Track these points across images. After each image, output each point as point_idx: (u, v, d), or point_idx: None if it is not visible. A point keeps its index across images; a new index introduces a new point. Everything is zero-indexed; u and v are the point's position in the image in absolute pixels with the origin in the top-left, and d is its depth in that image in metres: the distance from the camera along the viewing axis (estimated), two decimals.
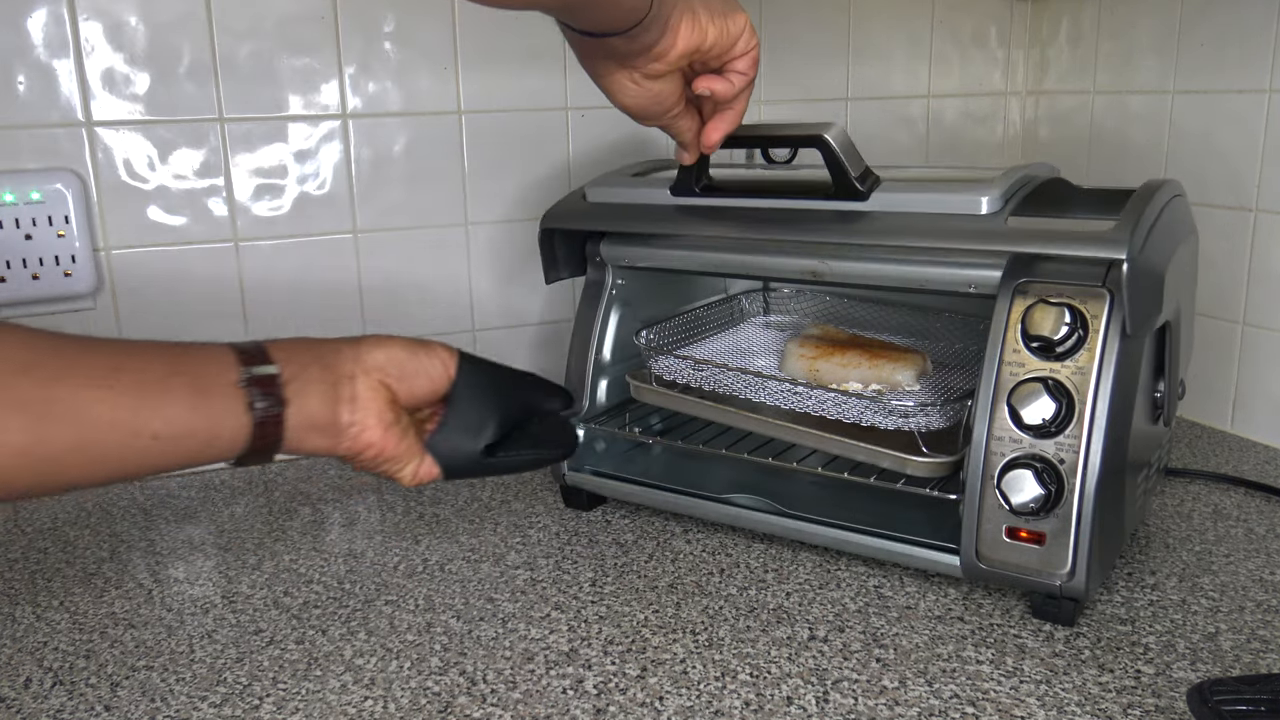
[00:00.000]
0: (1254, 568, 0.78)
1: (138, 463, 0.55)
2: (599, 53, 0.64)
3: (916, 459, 0.74)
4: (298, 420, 0.60)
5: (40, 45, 0.92)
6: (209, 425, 0.56)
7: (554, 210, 0.89)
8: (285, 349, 0.61)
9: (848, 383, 0.84)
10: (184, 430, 0.55)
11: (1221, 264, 1.04)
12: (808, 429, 0.80)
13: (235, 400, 0.57)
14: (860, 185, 0.75)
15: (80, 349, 0.54)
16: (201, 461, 0.58)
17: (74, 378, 0.52)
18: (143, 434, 0.54)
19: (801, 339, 0.91)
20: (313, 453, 0.63)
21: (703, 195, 0.82)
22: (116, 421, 0.53)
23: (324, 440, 0.62)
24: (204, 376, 0.57)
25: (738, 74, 0.68)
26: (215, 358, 0.58)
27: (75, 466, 0.52)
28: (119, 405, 0.53)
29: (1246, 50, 1.00)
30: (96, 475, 0.54)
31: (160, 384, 0.55)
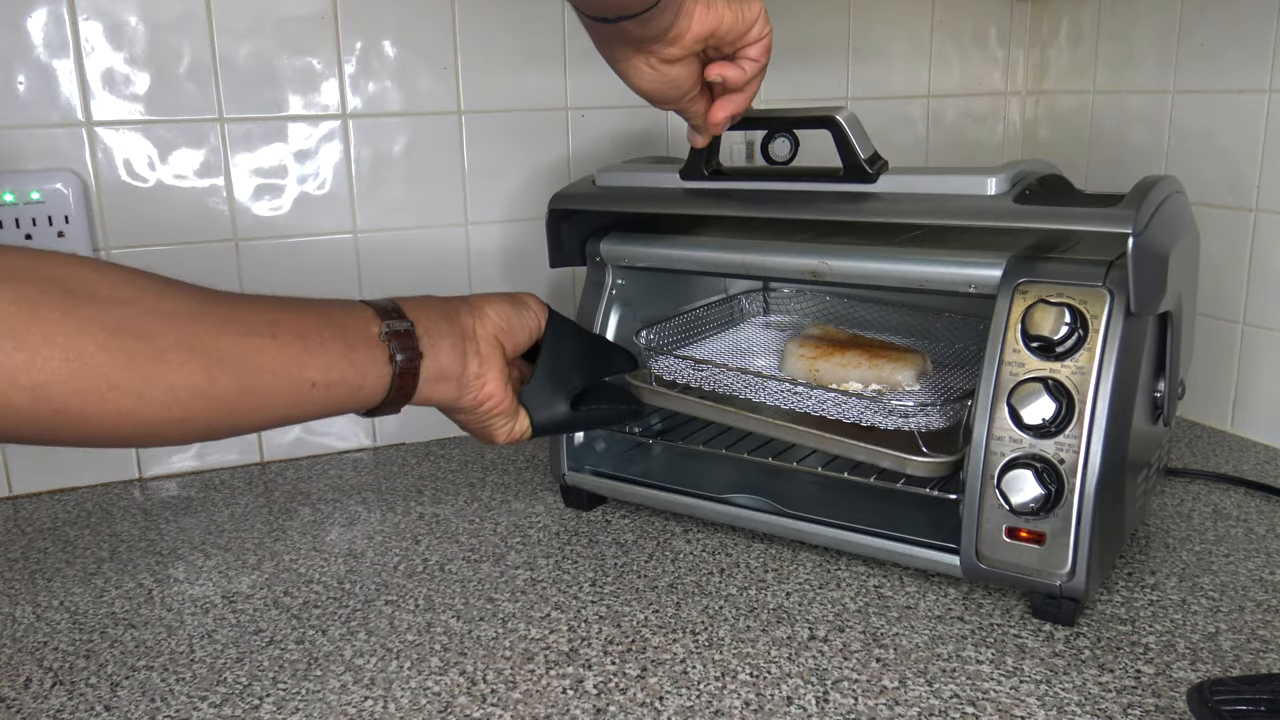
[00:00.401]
0: (1254, 568, 0.78)
1: (295, 409, 0.60)
2: (615, 38, 0.65)
3: (916, 459, 0.74)
4: (431, 371, 0.66)
5: (40, 45, 0.92)
6: (357, 375, 0.61)
7: (563, 193, 0.89)
8: (414, 305, 0.67)
9: (848, 383, 0.84)
10: (337, 378, 0.60)
11: (1221, 264, 1.04)
12: (808, 429, 0.80)
13: (379, 352, 0.63)
14: (869, 168, 0.75)
15: (239, 302, 0.58)
16: (345, 409, 0.63)
17: (239, 327, 0.56)
18: (302, 381, 0.58)
19: (801, 339, 0.91)
20: (437, 402, 0.69)
21: (712, 179, 0.82)
22: (279, 369, 0.57)
23: (450, 390, 0.68)
24: (351, 330, 0.62)
25: (750, 61, 0.69)
26: (356, 313, 0.64)
27: (243, 412, 0.56)
28: (281, 354, 0.57)
29: (1246, 50, 1.00)
30: (258, 420, 0.58)
31: (316, 335, 0.59)
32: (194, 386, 0.53)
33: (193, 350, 0.53)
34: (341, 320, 0.62)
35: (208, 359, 0.53)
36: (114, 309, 0.50)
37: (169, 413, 0.52)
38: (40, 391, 0.47)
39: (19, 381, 0.47)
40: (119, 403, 0.50)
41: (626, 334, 0.90)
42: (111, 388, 0.49)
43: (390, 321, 0.64)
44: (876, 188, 0.75)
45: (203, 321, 0.54)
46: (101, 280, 0.51)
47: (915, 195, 0.74)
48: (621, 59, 0.67)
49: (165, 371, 0.51)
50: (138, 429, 0.52)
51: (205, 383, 0.53)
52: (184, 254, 1.00)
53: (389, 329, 0.63)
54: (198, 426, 0.54)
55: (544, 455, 1.04)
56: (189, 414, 0.53)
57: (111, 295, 0.51)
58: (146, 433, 0.53)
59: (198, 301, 0.55)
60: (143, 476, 1.03)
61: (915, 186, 0.74)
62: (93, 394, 0.49)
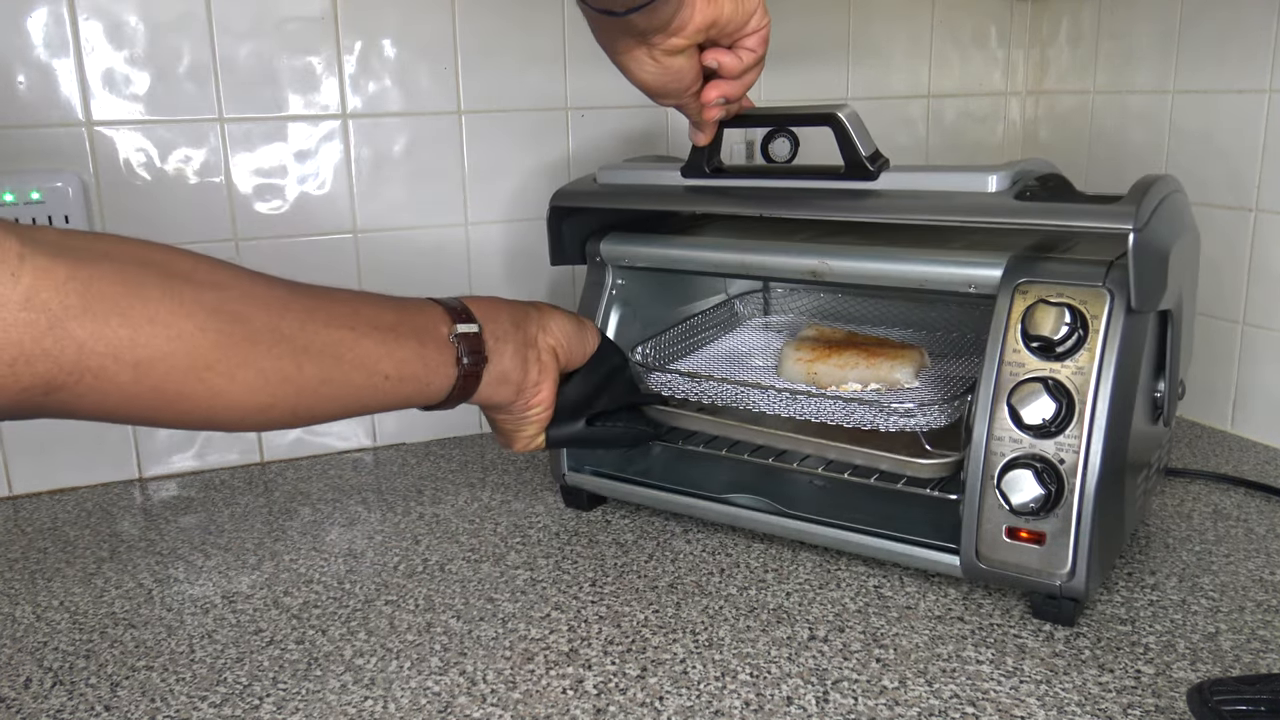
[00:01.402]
0: (1254, 568, 0.78)
1: (369, 400, 0.61)
2: (618, 29, 0.65)
3: (918, 460, 0.74)
4: (493, 375, 0.68)
5: (40, 45, 0.92)
6: (426, 372, 0.63)
7: (565, 190, 0.89)
8: (483, 308, 0.68)
9: (846, 384, 0.84)
10: (409, 374, 0.62)
11: (1221, 264, 1.04)
12: (808, 437, 0.80)
13: (447, 352, 0.65)
14: (870, 165, 0.75)
15: (321, 293, 0.60)
16: (411, 404, 0.65)
17: (322, 317, 0.58)
18: (378, 373, 0.60)
19: (798, 342, 0.91)
20: (494, 403, 0.71)
21: (713, 176, 0.82)
22: (357, 360, 0.59)
23: (508, 393, 0.70)
24: (423, 329, 0.64)
25: (747, 50, 0.70)
26: (428, 312, 0.65)
27: (322, 399, 0.58)
28: (359, 346, 0.59)
29: (1246, 50, 1.00)
30: (334, 408, 0.60)
31: (392, 330, 0.61)
32: (282, 372, 0.54)
33: (282, 336, 0.54)
34: (415, 318, 0.63)
35: (294, 346, 0.55)
36: (211, 292, 0.52)
37: (256, 397, 0.54)
38: (143, 369, 0.48)
39: (124, 358, 0.48)
40: (214, 383, 0.51)
41: (627, 334, 0.90)
42: (208, 367, 0.51)
43: (460, 324, 0.65)
44: (877, 185, 0.75)
45: (291, 309, 0.56)
46: (197, 265, 0.53)
47: (916, 193, 0.74)
48: (624, 51, 0.67)
49: (257, 355, 0.53)
50: (228, 411, 0.53)
51: (292, 369, 0.55)
52: None
53: (459, 331, 0.65)
54: (280, 413, 0.56)
55: (544, 455, 1.04)
56: (274, 399, 0.55)
57: (208, 279, 0.52)
58: (235, 417, 0.54)
59: (286, 290, 0.57)
60: (143, 476, 1.03)
61: (916, 184, 0.74)
62: (191, 373, 0.50)
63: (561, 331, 0.73)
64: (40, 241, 0.46)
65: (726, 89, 0.72)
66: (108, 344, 0.47)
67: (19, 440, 0.98)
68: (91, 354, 0.47)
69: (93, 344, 0.47)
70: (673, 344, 0.94)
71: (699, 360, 0.94)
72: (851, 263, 0.79)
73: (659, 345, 0.91)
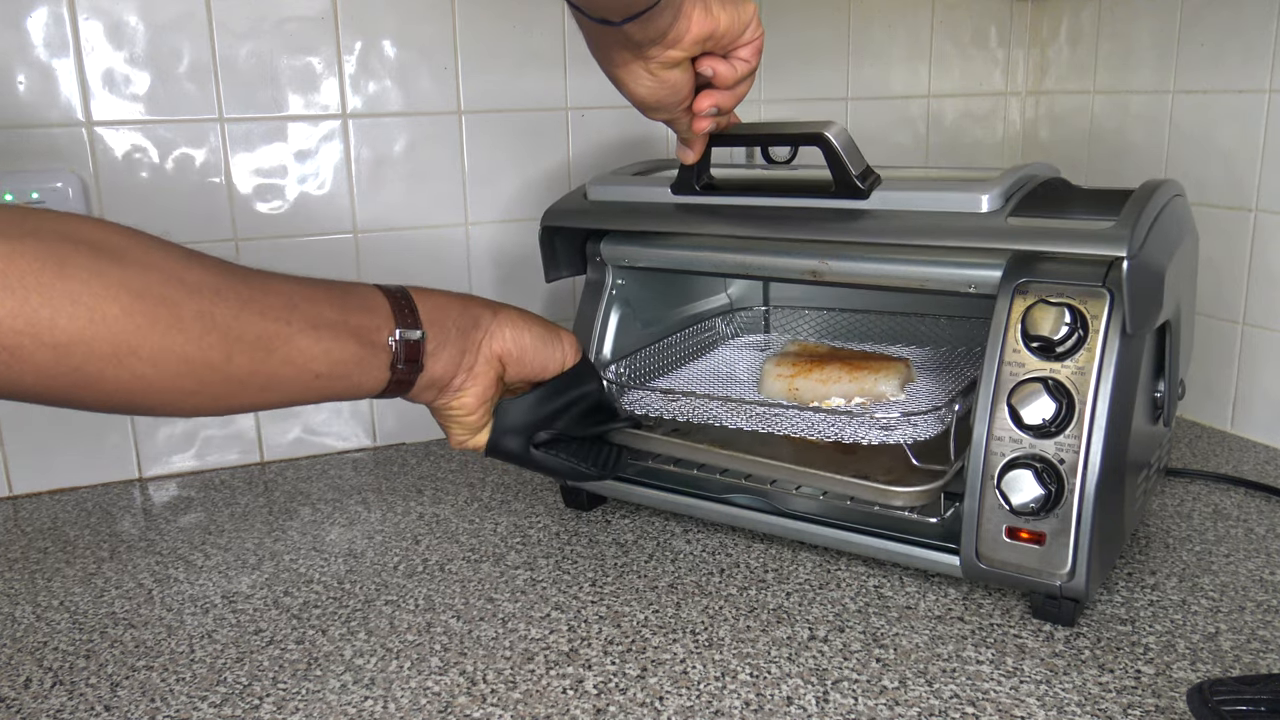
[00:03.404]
0: (1254, 568, 0.78)
1: (297, 395, 0.60)
2: (614, 41, 0.65)
3: (895, 489, 0.72)
4: (423, 381, 0.66)
5: (40, 45, 0.92)
6: (359, 373, 0.62)
7: (555, 208, 0.89)
8: (431, 310, 0.66)
9: (829, 399, 0.82)
10: (340, 373, 0.61)
11: (1221, 264, 1.04)
12: (786, 464, 0.77)
13: (383, 356, 0.63)
14: (861, 184, 0.75)
15: (259, 281, 0.58)
16: (340, 399, 0.64)
17: (257, 308, 0.56)
18: (309, 371, 0.59)
19: (778, 358, 0.89)
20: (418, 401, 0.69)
21: (703, 194, 0.82)
22: (290, 356, 0.58)
23: (431, 395, 0.69)
24: (363, 331, 0.62)
25: (741, 61, 0.69)
26: (372, 308, 0.64)
27: (250, 390, 0.57)
28: (293, 342, 0.58)
29: (1246, 50, 1.00)
30: (260, 400, 0.59)
31: (330, 329, 0.60)
32: (209, 360, 0.53)
33: (212, 323, 0.53)
34: (356, 318, 0.62)
35: (225, 336, 0.54)
36: (140, 274, 0.50)
37: (181, 383, 0.53)
38: (62, 351, 0.48)
39: (43, 339, 0.47)
40: (136, 368, 0.50)
41: (627, 334, 0.91)
42: (130, 352, 0.50)
43: (403, 330, 0.64)
44: (869, 204, 0.75)
45: (224, 297, 0.54)
46: (131, 244, 0.51)
47: (907, 213, 0.74)
48: (619, 64, 0.67)
49: (184, 342, 0.52)
50: (149, 396, 0.52)
51: (220, 358, 0.54)
52: None
53: (399, 337, 0.63)
54: (204, 400, 0.55)
55: None
56: (200, 386, 0.54)
57: (139, 259, 0.51)
58: (157, 402, 0.53)
59: (221, 276, 0.55)
60: (143, 476, 1.03)
61: (908, 204, 0.74)
62: (112, 357, 0.49)
63: (515, 340, 0.71)
64: None
65: (719, 99, 0.71)
66: (26, 323, 0.46)
67: (19, 440, 0.98)
68: (9, 331, 0.46)
69: (10, 321, 0.46)
70: (649, 362, 0.92)
71: (676, 380, 0.92)
72: (852, 263, 0.78)
73: (634, 364, 0.90)
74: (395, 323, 0.63)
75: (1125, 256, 0.64)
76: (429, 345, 0.65)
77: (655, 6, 0.61)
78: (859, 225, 0.75)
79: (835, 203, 0.76)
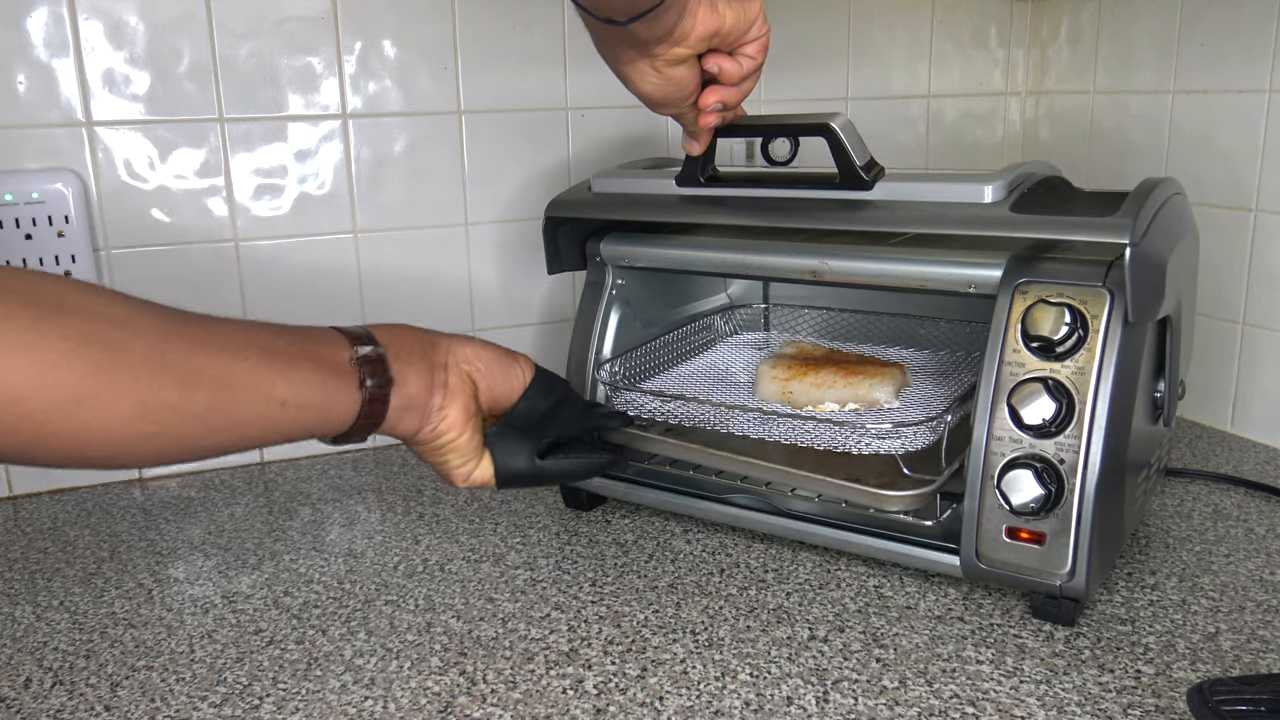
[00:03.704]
0: (1254, 568, 0.78)
1: (266, 429, 0.58)
2: (622, 40, 0.65)
3: (886, 493, 0.72)
4: (399, 400, 0.64)
5: (40, 45, 0.92)
6: (327, 399, 0.60)
7: (559, 199, 0.89)
8: (388, 332, 0.66)
9: (823, 404, 0.82)
10: (307, 401, 0.59)
11: (1221, 264, 1.04)
12: (781, 466, 0.77)
13: (349, 377, 0.61)
14: (865, 175, 0.75)
15: (211, 322, 0.57)
16: (314, 433, 0.62)
17: (212, 345, 0.55)
18: (272, 400, 0.57)
19: (774, 360, 0.89)
20: (401, 432, 0.67)
21: (708, 185, 0.82)
22: (251, 387, 0.56)
23: (414, 421, 0.66)
24: (322, 355, 0.61)
25: (747, 58, 0.70)
26: (328, 338, 0.62)
27: (214, 429, 0.55)
28: (253, 373, 0.56)
29: (1246, 50, 1.00)
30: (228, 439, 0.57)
31: (288, 358, 0.58)
32: (165, 401, 0.51)
33: (164, 365, 0.51)
34: (313, 345, 0.60)
35: (179, 375, 0.52)
36: (82, 320, 0.49)
37: (138, 426, 0.51)
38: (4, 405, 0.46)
39: None
40: (87, 416, 0.48)
41: (627, 334, 0.90)
42: (79, 400, 0.48)
43: (361, 347, 0.62)
44: (873, 195, 0.75)
45: (175, 337, 0.53)
46: (69, 293, 0.50)
47: (911, 203, 0.74)
48: (626, 62, 0.67)
49: (135, 386, 0.50)
50: (106, 444, 0.50)
51: (177, 398, 0.52)
52: (184, 254, 1.00)
53: (360, 354, 0.62)
54: (167, 442, 0.53)
55: None
56: (160, 428, 0.52)
57: (80, 307, 0.49)
58: (116, 449, 0.51)
59: (169, 318, 0.54)
60: (143, 476, 1.03)
61: (912, 194, 0.74)
62: (59, 407, 0.47)
63: (478, 358, 0.70)
64: None
65: (724, 94, 0.72)
66: None
67: None
68: None
69: None
70: (644, 360, 0.92)
71: (672, 379, 0.92)
72: (852, 262, 0.78)
73: (630, 361, 0.90)
74: (352, 343, 0.62)
75: (1128, 244, 0.64)
76: (392, 360, 0.63)
77: (661, 5, 0.61)
78: (863, 215, 0.75)
79: (840, 193, 0.76)
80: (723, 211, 0.81)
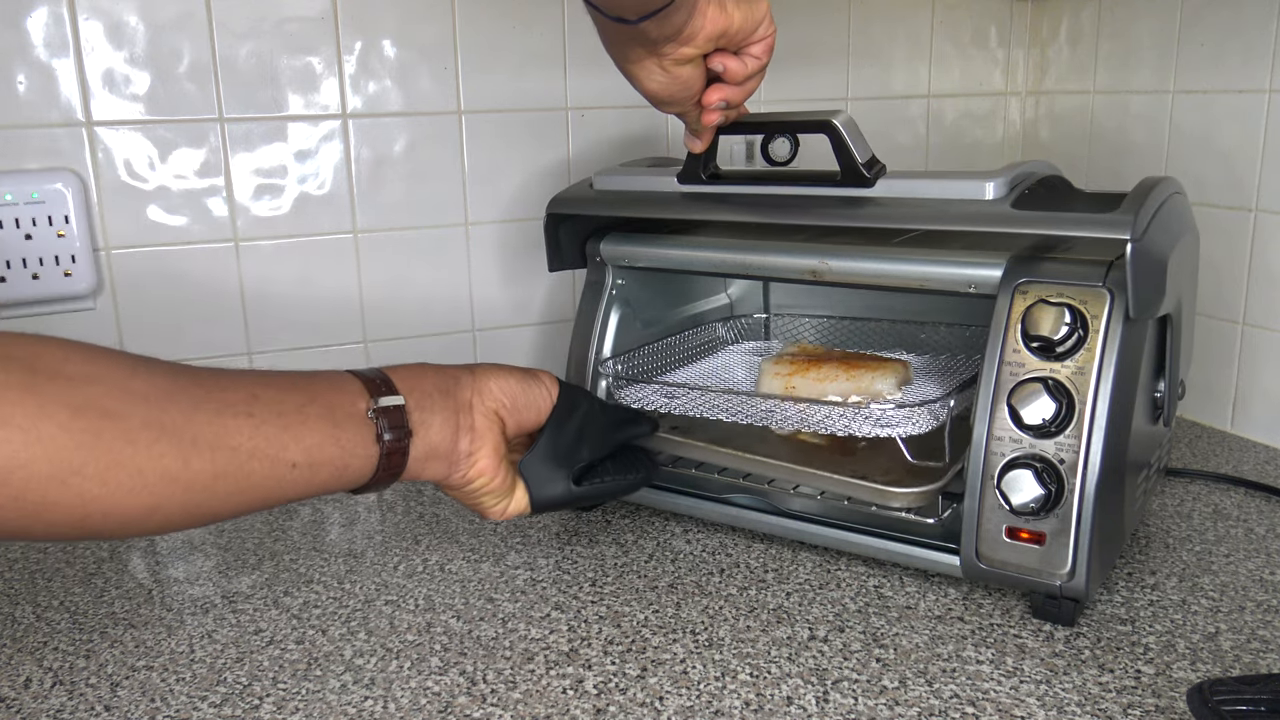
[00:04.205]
0: (1254, 568, 0.78)
1: (276, 492, 0.56)
2: (630, 38, 0.65)
3: (897, 490, 0.72)
4: (420, 450, 0.62)
5: (40, 45, 0.92)
6: (342, 455, 0.58)
7: (560, 196, 0.89)
8: (407, 377, 0.63)
9: (826, 397, 0.82)
10: (320, 459, 0.57)
11: (1221, 264, 1.04)
12: (785, 464, 0.77)
13: (365, 430, 0.59)
14: (867, 172, 0.75)
15: (216, 378, 0.54)
16: (329, 490, 0.59)
17: (213, 405, 0.52)
18: (282, 462, 0.55)
19: (777, 358, 0.89)
20: (427, 479, 0.65)
21: (710, 183, 0.82)
22: (257, 450, 0.54)
23: (441, 468, 0.64)
24: (336, 407, 0.58)
25: (752, 58, 0.70)
26: (343, 387, 0.60)
27: (219, 496, 0.53)
28: (258, 433, 0.54)
29: (1246, 50, 1.00)
30: (235, 505, 0.55)
31: (298, 413, 0.56)
32: (164, 470, 0.50)
33: (163, 430, 0.50)
34: (326, 396, 0.58)
35: (180, 440, 0.50)
36: (80, 387, 0.47)
37: (137, 499, 0.49)
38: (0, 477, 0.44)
39: None
40: (83, 488, 0.47)
41: (627, 334, 0.91)
42: (74, 472, 0.47)
43: (379, 398, 0.60)
44: (874, 192, 0.75)
45: (175, 401, 0.51)
46: (68, 358, 0.48)
47: (913, 200, 0.74)
48: (634, 60, 0.67)
49: (133, 454, 0.48)
50: (105, 518, 0.49)
51: (177, 465, 0.50)
52: (184, 254, 1.00)
53: (378, 406, 0.60)
54: (170, 514, 0.51)
55: None
56: (159, 500, 0.50)
57: (78, 373, 0.48)
58: (115, 523, 0.50)
59: (170, 380, 0.52)
60: None
61: (913, 191, 0.74)
62: (54, 479, 0.46)
63: (504, 392, 0.68)
64: None
65: (728, 93, 0.72)
66: None
67: None
68: None
69: None
70: (649, 360, 0.92)
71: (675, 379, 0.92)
72: (852, 262, 0.79)
73: (633, 361, 0.90)
74: (370, 393, 0.60)
75: (1130, 239, 0.64)
76: (412, 410, 0.61)
77: (671, 4, 0.61)
78: (865, 212, 0.75)
79: (841, 190, 0.76)
80: (724, 209, 0.82)
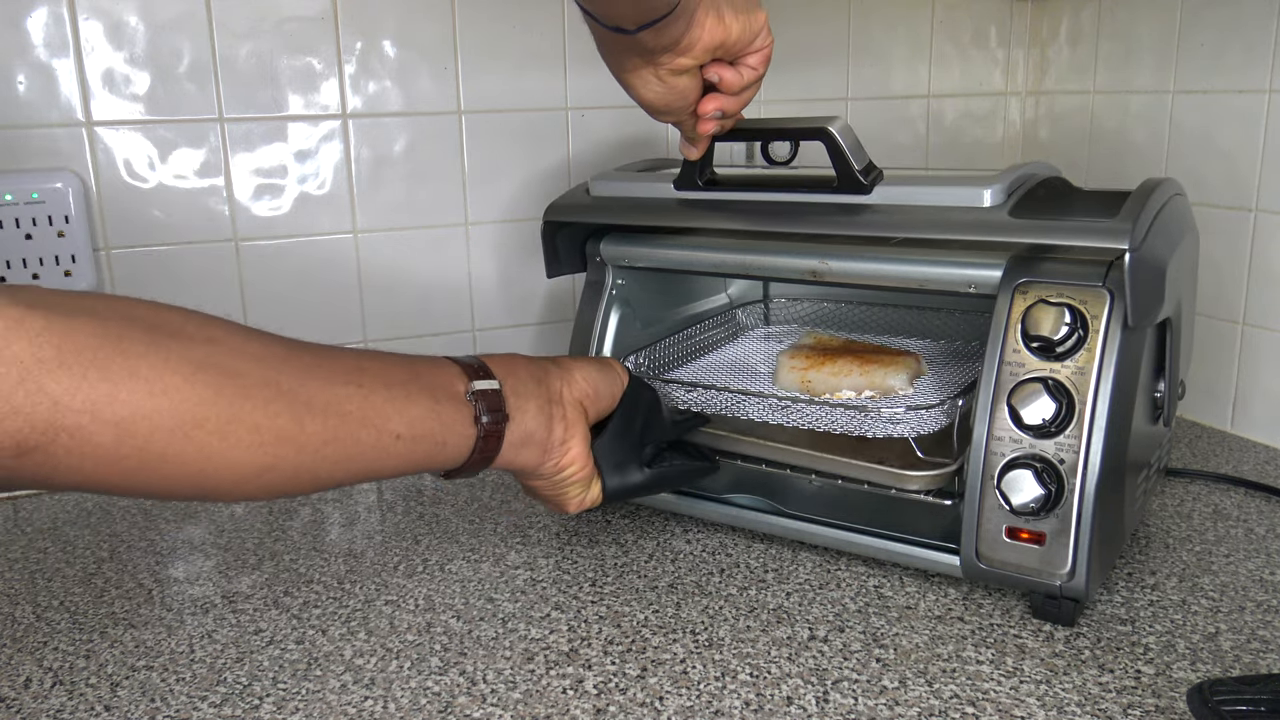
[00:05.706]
0: (1254, 568, 0.78)
1: (379, 461, 0.57)
2: (627, 48, 0.65)
3: (911, 473, 0.73)
4: (516, 435, 0.64)
5: (40, 45, 0.92)
6: (442, 430, 0.59)
7: (557, 203, 0.89)
8: (502, 365, 0.65)
9: (840, 391, 0.83)
10: (422, 432, 0.58)
11: (1221, 264, 1.04)
12: (802, 449, 0.78)
13: (464, 411, 0.60)
14: (864, 179, 0.75)
15: (324, 350, 0.56)
16: (427, 467, 0.60)
17: (324, 373, 0.54)
18: (387, 432, 0.56)
19: (792, 350, 0.90)
20: (519, 467, 0.66)
21: (706, 189, 0.82)
22: (366, 418, 0.55)
23: (534, 455, 0.66)
24: (437, 386, 0.60)
25: (748, 69, 0.70)
26: (442, 368, 0.62)
27: (327, 460, 0.54)
28: (367, 402, 0.55)
29: (1246, 50, 1.00)
30: (341, 471, 0.56)
31: (402, 386, 0.58)
32: (280, 429, 0.51)
33: (279, 391, 0.51)
34: (428, 375, 0.60)
35: (294, 401, 0.52)
36: (200, 346, 0.49)
37: (252, 456, 0.50)
38: (124, 427, 0.46)
39: (103, 415, 0.45)
40: (204, 442, 0.48)
41: (627, 334, 0.91)
42: (197, 424, 0.48)
43: (476, 381, 0.62)
44: (871, 199, 0.75)
45: (290, 364, 0.53)
46: (187, 321, 0.50)
47: (910, 208, 0.74)
48: (630, 70, 0.67)
49: (251, 410, 0.50)
50: (220, 472, 0.50)
51: (292, 426, 0.52)
52: (184, 254, 1.00)
53: (475, 389, 0.61)
54: (281, 476, 0.53)
55: None
56: (274, 459, 0.51)
57: (198, 334, 0.50)
58: (230, 478, 0.51)
59: (284, 346, 0.54)
60: None
61: (910, 198, 0.74)
62: (177, 431, 0.47)
63: (587, 381, 0.70)
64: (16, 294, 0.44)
65: (724, 103, 0.72)
66: (85, 400, 0.44)
67: None
68: (67, 411, 0.44)
69: (68, 400, 0.44)
70: (668, 352, 0.93)
71: (695, 369, 0.93)
72: (852, 263, 0.79)
73: (653, 354, 0.90)
74: (468, 376, 0.62)
75: (1128, 249, 0.64)
76: (508, 395, 0.63)
77: (670, 15, 0.61)
78: (862, 219, 0.75)
79: (838, 197, 0.76)
80: (720, 215, 0.82)
